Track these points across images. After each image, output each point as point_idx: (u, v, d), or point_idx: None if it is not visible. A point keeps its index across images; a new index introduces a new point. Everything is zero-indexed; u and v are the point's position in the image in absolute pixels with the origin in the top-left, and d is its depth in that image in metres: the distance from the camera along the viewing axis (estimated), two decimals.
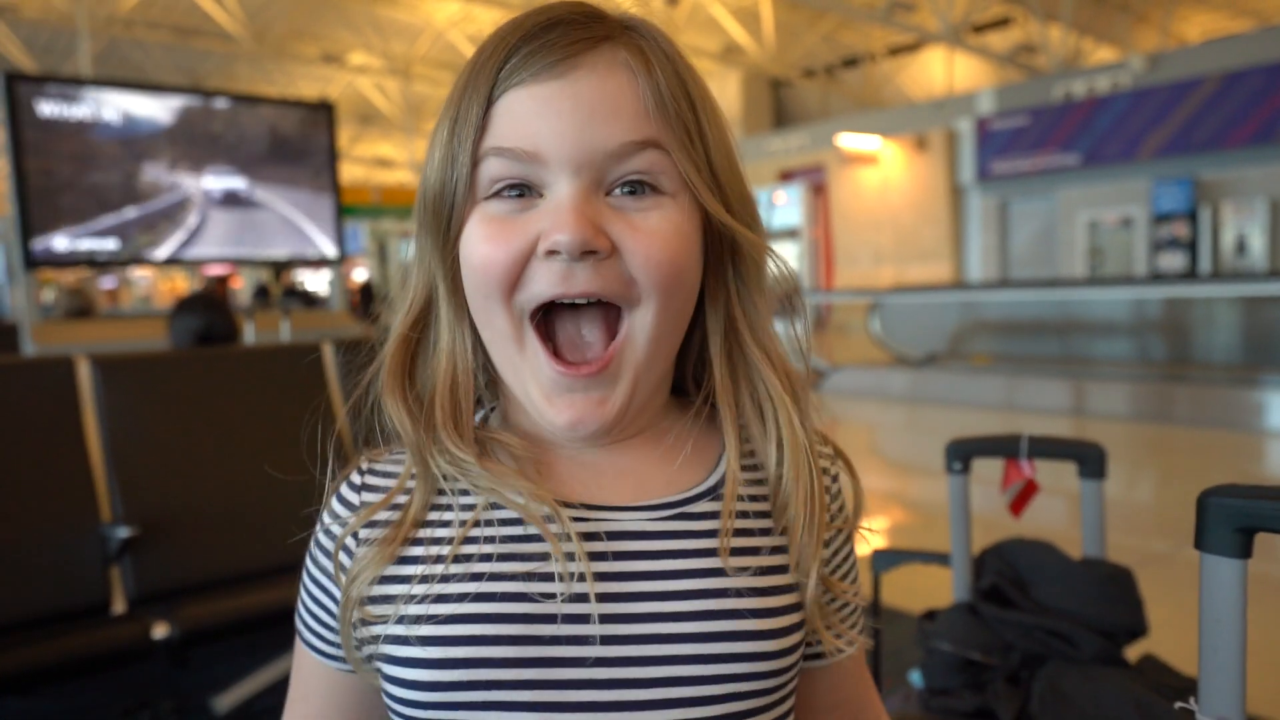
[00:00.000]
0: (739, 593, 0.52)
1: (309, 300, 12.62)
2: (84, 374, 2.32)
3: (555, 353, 0.53)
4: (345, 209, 7.33)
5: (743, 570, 0.53)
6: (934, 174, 14.21)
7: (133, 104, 5.16)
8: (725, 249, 0.56)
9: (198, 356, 2.58)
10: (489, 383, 0.60)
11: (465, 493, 0.55)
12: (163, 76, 16.96)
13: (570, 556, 0.51)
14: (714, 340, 0.58)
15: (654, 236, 0.51)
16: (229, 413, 2.44)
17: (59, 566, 2.11)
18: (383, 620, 0.53)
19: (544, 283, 0.51)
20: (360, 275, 25.59)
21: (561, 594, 0.51)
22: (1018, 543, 1.25)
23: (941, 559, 1.31)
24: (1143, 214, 12.00)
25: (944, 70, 16.53)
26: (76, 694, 2.43)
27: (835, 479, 0.62)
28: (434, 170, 0.54)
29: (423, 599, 0.52)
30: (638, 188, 0.52)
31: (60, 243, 4.85)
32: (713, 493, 0.57)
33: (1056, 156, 12.56)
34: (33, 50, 15.75)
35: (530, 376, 0.54)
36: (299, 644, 0.62)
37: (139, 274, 22.40)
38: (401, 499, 0.56)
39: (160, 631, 1.98)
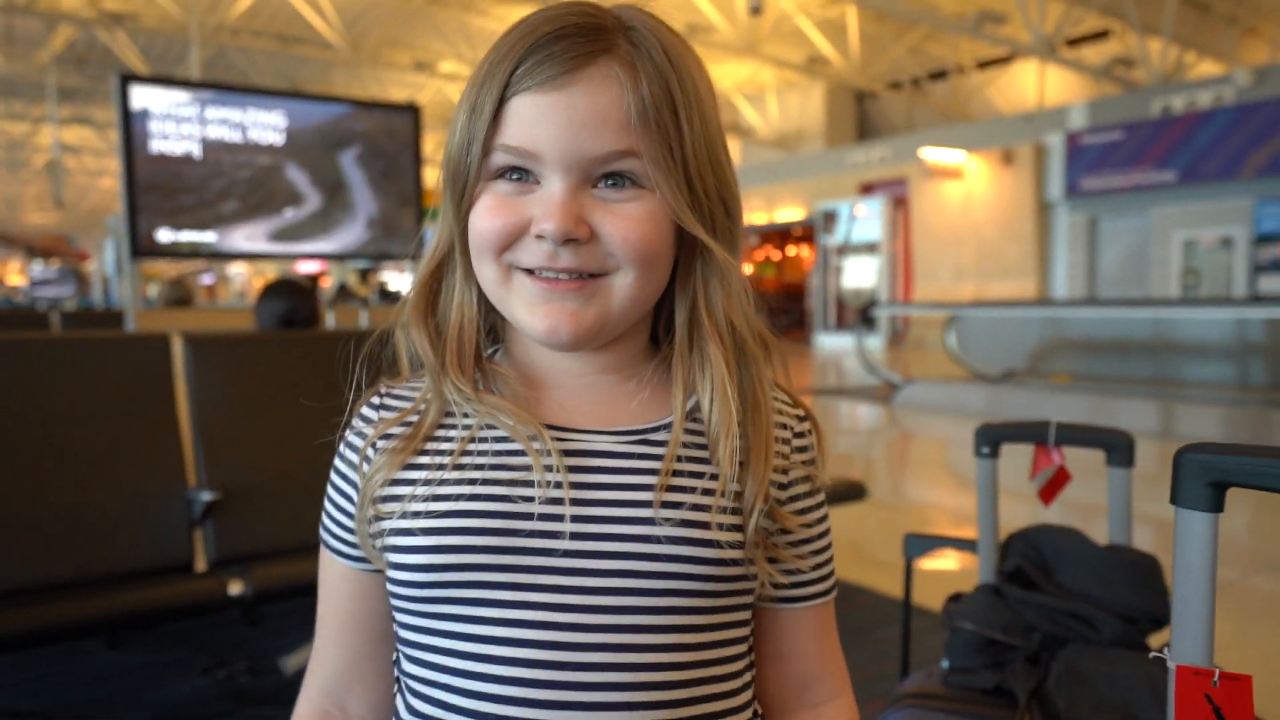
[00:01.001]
0: (669, 537, 0.61)
1: (390, 296, 13.04)
2: (178, 350, 2.49)
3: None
4: (426, 211, 7.56)
5: (674, 506, 0.61)
6: (1020, 189, 13.87)
7: (237, 106, 5.46)
8: (695, 242, 0.64)
9: (280, 338, 2.75)
10: (493, 327, 0.71)
11: (468, 415, 0.65)
12: (264, 81, 17.77)
13: (549, 468, 0.62)
14: (680, 312, 0.67)
15: (629, 220, 0.60)
16: (306, 390, 2.58)
17: (148, 526, 2.28)
18: (390, 515, 0.63)
19: (530, 256, 0.61)
20: None
21: (539, 498, 0.61)
22: (1044, 528, 1.26)
23: (970, 545, 1.33)
24: (1244, 234, 11.48)
25: (1035, 83, 16.12)
26: (160, 650, 2.61)
27: (803, 435, 0.69)
28: (455, 149, 0.64)
29: (425, 498, 0.62)
30: (619, 180, 0.61)
31: (165, 235, 5.16)
32: (668, 428, 0.66)
33: (1152, 173, 12.13)
34: (149, 57, 16.70)
35: (517, 299, 0.63)
36: (323, 552, 0.72)
37: (234, 270, 23.42)
38: (413, 418, 0.67)
39: (236, 589, 2.11)
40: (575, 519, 0.61)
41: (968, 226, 14.67)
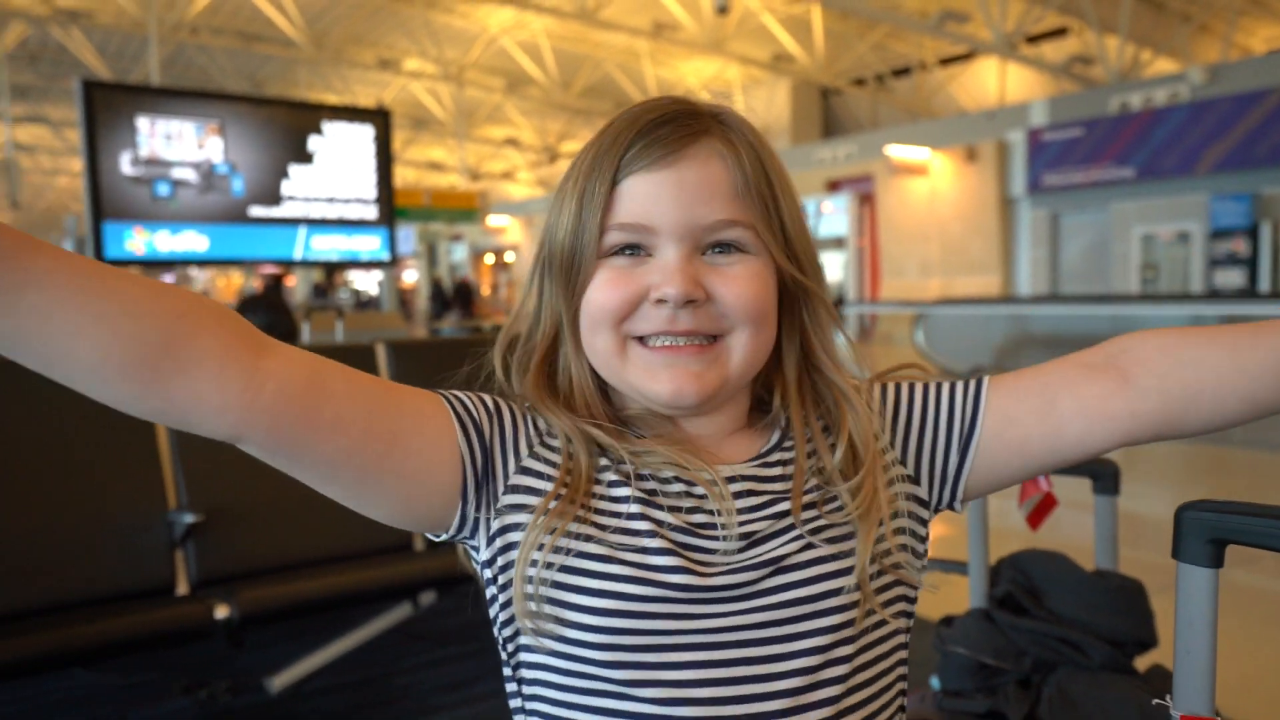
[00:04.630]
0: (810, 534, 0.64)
1: (365, 305, 12.85)
2: None
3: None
4: (396, 211, 7.50)
5: (810, 521, 0.65)
6: (984, 185, 14.07)
7: (196, 109, 5.38)
8: (798, 295, 0.70)
9: None
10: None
11: (615, 467, 0.66)
12: (225, 80, 17.48)
13: (727, 511, 0.64)
14: (789, 365, 0.71)
15: (739, 280, 0.65)
16: None
17: (128, 549, 2.25)
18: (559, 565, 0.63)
19: (649, 323, 0.65)
20: (410, 276, 25.99)
21: (720, 534, 0.64)
22: (1032, 554, 1.30)
23: (959, 567, 1.36)
24: (1200, 229, 11.76)
25: (997, 80, 16.35)
26: (139, 670, 2.57)
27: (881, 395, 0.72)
28: (565, 235, 0.67)
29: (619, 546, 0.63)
30: (726, 248, 0.66)
31: (136, 243, 5.08)
32: (777, 448, 0.69)
33: (1111, 169, 12.36)
34: (105, 55, 16.34)
35: (634, 369, 0.66)
36: (421, 391, 0.68)
37: (194, 271, 23.02)
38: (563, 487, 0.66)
39: (222, 612, 2.10)
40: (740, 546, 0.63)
41: (933, 222, 14.86)
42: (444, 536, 0.67)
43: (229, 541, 2.37)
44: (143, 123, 5.32)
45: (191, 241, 5.75)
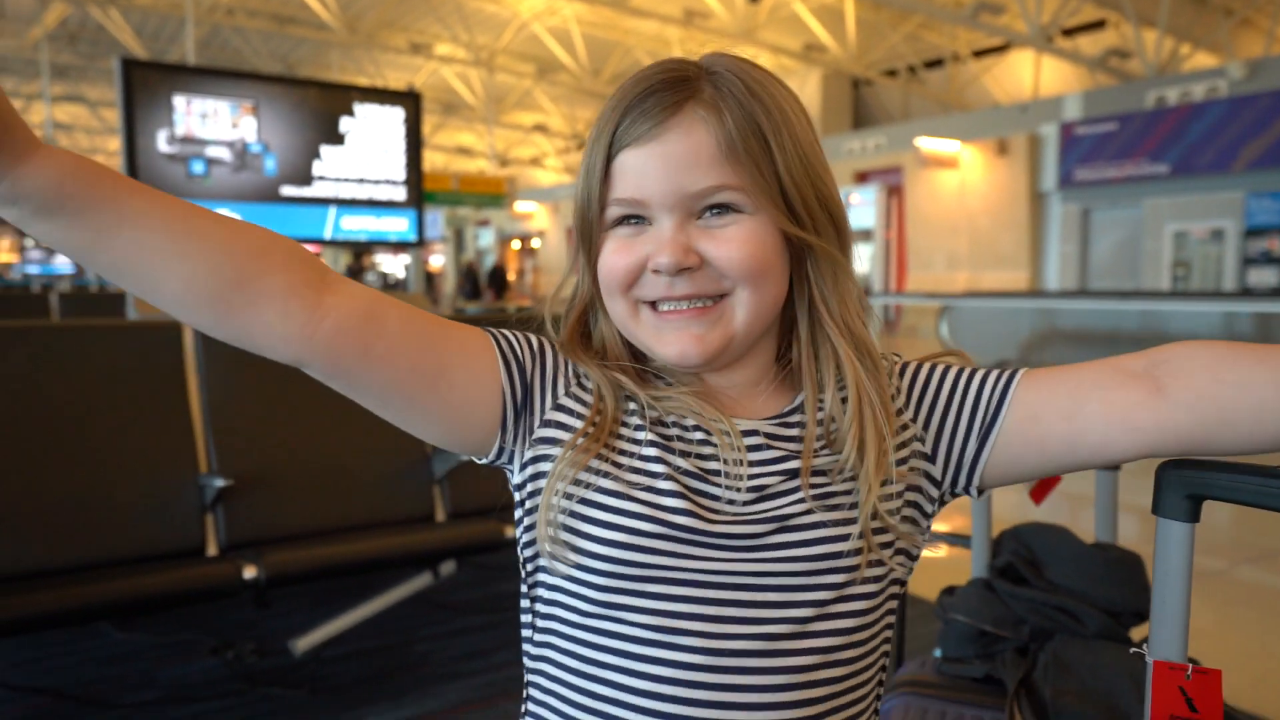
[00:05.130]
0: (815, 500, 0.66)
1: (392, 287, 13.00)
2: (189, 337, 2.54)
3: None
4: (424, 195, 7.57)
5: (817, 486, 0.67)
6: (1015, 179, 13.93)
7: (231, 89, 5.47)
8: (804, 250, 0.70)
9: None
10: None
11: (641, 413, 0.70)
12: (259, 63, 17.65)
13: (738, 462, 0.68)
14: (801, 315, 0.72)
15: (732, 242, 0.66)
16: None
17: (160, 511, 2.33)
18: (579, 497, 0.67)
19: (651, 289, 0.69)
20: (437, 261, 26.13)
21: (727, 484, 0.67)
22: (1034, 526, 1.33)
23: (963, 540, 1.40)
24: (1234, 227, 11.58)
25: (1031, 73, 16.15)
26: (169, 631, 2.67)
27: (899, 373, 0.73)
28: (579, 207, 0.72)
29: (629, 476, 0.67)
30: (721, 209, 0.67)
31: None
32: (798, 410, 0.72)
33: (1145, 165, 12.20)
34: (142, 36, 16.57)
35: (645, 330, 0.70)
36: (465, 326, 0.71)
37: None
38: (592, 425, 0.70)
39: (250, 573, 2.17)
40: (749, 493, 0.67)
41: (962, 215, 14.74)
42: (484, 461, 0.72)
43: (257, 506, 2.45)
44: (179, 101, 5.43)
45: None
